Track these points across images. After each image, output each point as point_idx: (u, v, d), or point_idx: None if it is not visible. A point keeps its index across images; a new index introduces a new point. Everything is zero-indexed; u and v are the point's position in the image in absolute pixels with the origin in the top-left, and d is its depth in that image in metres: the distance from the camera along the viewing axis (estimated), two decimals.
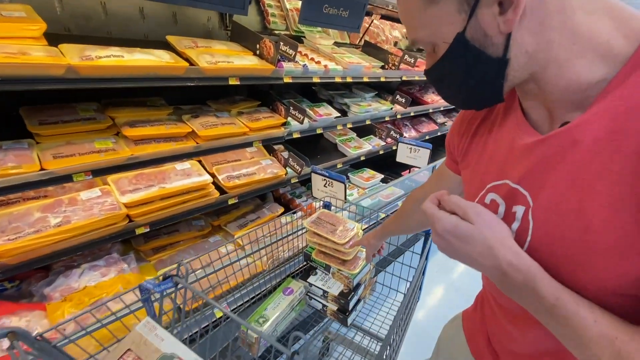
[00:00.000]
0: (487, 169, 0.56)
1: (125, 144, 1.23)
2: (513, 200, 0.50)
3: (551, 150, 0.45)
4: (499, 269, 0.45)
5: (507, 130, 0.54)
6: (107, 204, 1.16)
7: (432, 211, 0.49)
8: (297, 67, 1.71)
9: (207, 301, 0.71)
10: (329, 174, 1.76)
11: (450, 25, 0.44)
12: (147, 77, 1.19)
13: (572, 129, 0.43)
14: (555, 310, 0.42)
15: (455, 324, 0.90)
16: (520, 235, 0.49)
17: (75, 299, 1.06)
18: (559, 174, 0.44)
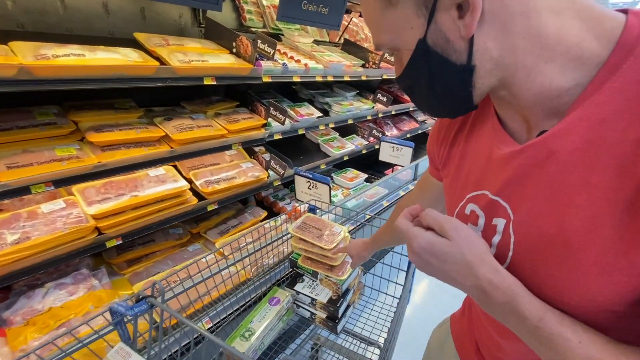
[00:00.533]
0: (467, 179, 0.55)
1: (90, 150, 1.13)
2: (493, 212, 0.49)
3: (528, 161, 0.43)
4: (479, 288, 0.43)
5: (484, 139, 0.52)
6: (72, 216, 1.06)
7: (406, 227, 0.47)
8: (277, 66, 1.65)
9: (184, 322, 0.65)
10: (312, 175, 1.71)
11: (410, 29, 0.42)
12: (113, 78, 1.10)
13: (548, 139, 0.41)
14: (539, 331, 0.40)
15: (444, 328, 0.88)
16: (501, 249, 0.47)
17: (39, 323, 0.96)
18: (537, 186, 0.42)
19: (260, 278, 1.30)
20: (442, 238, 0.44)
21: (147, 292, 0.69)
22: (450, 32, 0.40)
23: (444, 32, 0.40)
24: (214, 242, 1.69)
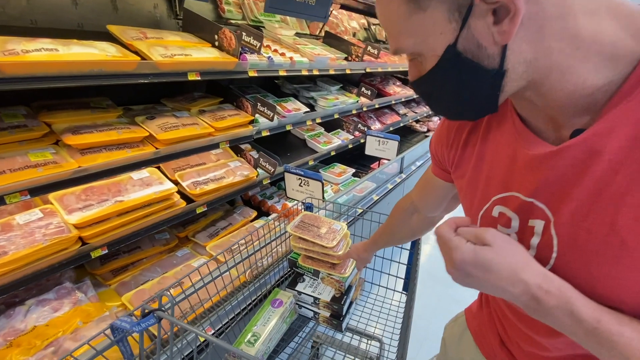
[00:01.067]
0: (489, 181, 0.53)
1: (68, 154, 1.03)
2: (528, 213, 0.48)
3: (568, 162, 0.42)
4: (528, 294, 0.41)
5: (504, 140, 0.51)
6: (52, 226, 0.97)
7: (448, 236, 0.45)
8: (262, 60, 1.59)
9: (195, 332, 0.61)
10: (304, 172, 1.67)
11: (439, 35, 0.40)
12: (91, 75, 1.01)
13: (589, 139, 0.40)
14: (597, 332, 0.39)
15: (459, 323, 0.87)
16: (543, 251, 0.46)
17: (24, 344, 0.87)
18: (581, 187, 0.41)
19: (260, 279, 1.26)
20: (484, 247, 0.43)
21: (151, 304, 0.63)
22: (483, 38, 0.39)
23: (477, 37, 0.39)
24: (203, 246, 1.62)
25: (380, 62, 2.54)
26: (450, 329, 0.90)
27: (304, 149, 2.35)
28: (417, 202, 0.85)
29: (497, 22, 0.37)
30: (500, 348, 0.68)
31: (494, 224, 0.53)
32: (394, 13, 0.42)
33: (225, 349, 0.54)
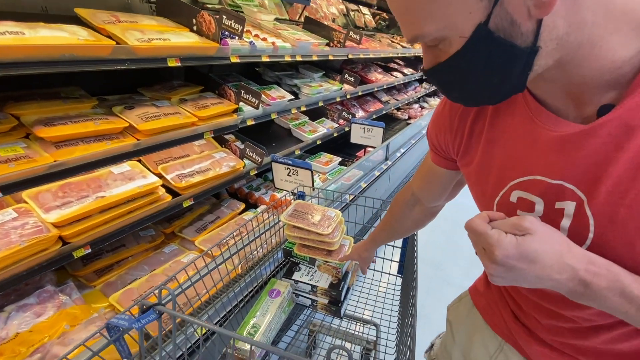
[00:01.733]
0: (505, 166, 0.51)
1: (42, 148, 0.95)
2: (556, 196, 0.46)
3: (602, 140, 0.40)
4: (576, 279, 0.40)
5: (517, 122, 0.49)
6: (28, 226, 0.90)
7: (486, 231, 0.42)
8: (244, 45, 1.53)
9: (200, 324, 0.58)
10: (292, 161, 1.64)
11: (468, 14, 0.36)
12: (62, 61, 0.93)
13: (624, 115, 0.38)
14: None
15: (463, 302, 0.85)
16: (577, 232, 0.45)
17: (7, 352, 0.81)
18: (619, 164, 0.40)
19: (256, 270, 1.23)
20: (524, 235, 0.40)
21: (149, 299, 0.60)
22: (517, 13, 0.35)
23: (511, 13, 0.36)
24: (192, 241, 1.57)
25: (362, 48, 2.51)
26: (454, 309, 0.88)
27: (289, 138, 2.31)
28: (419, 193, 0.82)
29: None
30: (515, 323, 0.67)
31: (513, 210, 0.51)
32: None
33: (230, 336, 0.52)
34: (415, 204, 0.87)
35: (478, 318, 0.78)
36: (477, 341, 0.76)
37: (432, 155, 0.70)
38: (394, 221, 0.93)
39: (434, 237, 2.55)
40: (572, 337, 0.55)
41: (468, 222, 0.45)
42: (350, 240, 1.25)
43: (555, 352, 0.57)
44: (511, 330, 0.68)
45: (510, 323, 0.68)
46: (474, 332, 0.78)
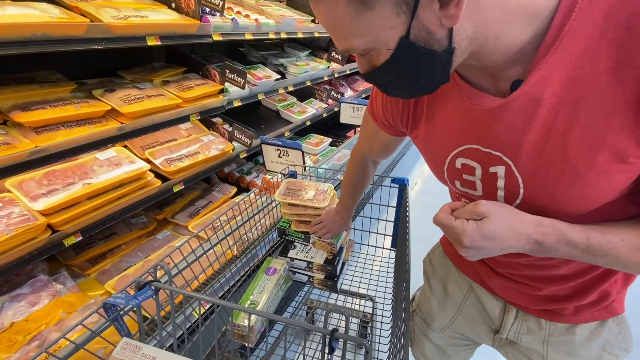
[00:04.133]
0: (445, 137, 0.58)
1: (21, 134, 0.92)
2: (489, 162, 0.53)
3: (516, 112, 0.47)
4: (532, 242, 0.48)
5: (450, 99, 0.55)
6: (14, 215, 0.88)
7: (451, 223, 0.50)
8: (226, 22, 1.48)
9: (197, 298, 0.58)
10: (282, 142, 1.62)
11: (390, 29, 0.41)
12: (34, 40, 0.88)
13: (530, 89, 0.44)
14: (591, 249, 0.47)
15: (436, 253, 0.92)
16: (511, 189, 0.52)
17: (4, 341, 0.80)
18: (532, 131, 0.46)
19: (251, 251, 1.23)
20: (481, 219, 0.48)
21: (146, 277, 0.59)
22: (432, 24, 0.41)
23: (426, 25, 0.41)
24: (185, 226, 1.56)
25: None
26: (428, 261, 0.95)
27: (278, 120, 2.28)
28: (370, 155, 0.89)
29: (443, 7, 0.39)
30: (479, 264, 0.74)
31: (460, 174, 0.58)
32: (339, 15, 0.41)
33: (232, 307, 0.52)
34: (370, 163, 0.94)
35: (450, 264, 0.85)
36: (451, 284, 0.85)
37: (378, 124, 0.75)
38: (357, 183, 0.99)
39: (425, 213, 2.58)
40: (523, 269, 0.64)
41: (435, 217, 0.52)
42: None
43: (511, 281, 0.68)
44: (477, 270, 0.76)
45: (476, 264, 0.76)
46: (447, 277, 0.86)
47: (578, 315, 0.66)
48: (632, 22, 0.37)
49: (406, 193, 1.24)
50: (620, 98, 0.39)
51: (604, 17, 0.39)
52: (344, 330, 0.56)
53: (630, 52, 0.38)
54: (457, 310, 0.84)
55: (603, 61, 0.39)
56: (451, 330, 0.88)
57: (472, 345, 0.93)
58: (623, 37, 0.38)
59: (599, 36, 0.39)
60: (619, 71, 0.39)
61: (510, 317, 0.73)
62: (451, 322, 0.86)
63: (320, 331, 0.55)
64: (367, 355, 0.52)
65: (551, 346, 0.70)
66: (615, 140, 0.41)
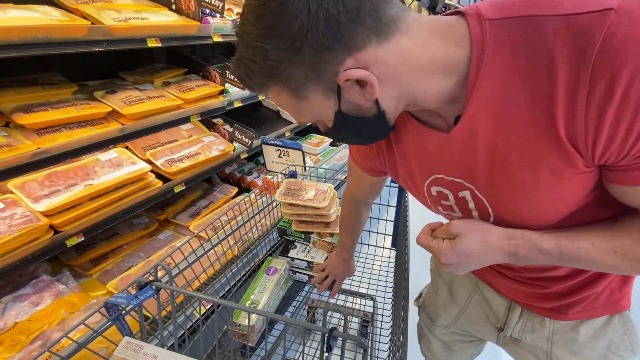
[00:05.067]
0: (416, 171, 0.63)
1: (23, 136, 0.93)
2: (456, 188, 0.57)
3: (460, 145, 0.51)
4: (506, 254, 0.51)
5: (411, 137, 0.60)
6: (17, 216, 0.88)
7: (429, 244, 0.55)
8: (226, 23, 1.49)
9: (198, 298, 0.58)
10: (283, 142, 1.63)
11: (325, 108, 0.49)
12: (35, 43, 0.89)
13: (466, 123, 0.48)
14: (563, 255, 0.50)
15: None
16: (482, 210, 0.56)
17: (7, 341, 0.81)
18: (478, 159, 0.50)
19: (252, 250, 1.24)
20: (455, 239, 0.51)
21: (147, 277, 0.60)
22: (358, 99, 0.48)
23: (353, 101, 0.48)
24: (186, 226, 1.57)
25: None
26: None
27: (279, 120, 2.28)
28: (360, 196, 0.95)
29: (363, 87, 0.46)
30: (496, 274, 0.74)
31: (438, 200, 0.62)
32: (285, 102, 0.50)
33: (234, 307, 0.52)
34: (362, 204, 0.98)
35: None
36: (457, 282, 0.87)
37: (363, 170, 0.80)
38: (352, 224, 1.03)
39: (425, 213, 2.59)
40: (525, 271, 0.67)
41: (417, 239, 0.57)
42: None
43: (515, 282, 0.70)
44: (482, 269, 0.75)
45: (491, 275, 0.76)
46: (454, 275, 0.87)
47: (582, 312, 0.66)
48: (532, 59, 0.41)
49: (406, 193, 1.25)
50: (541, 125, 0.43)
51: (510, 57, 0.43)
52: (342, 329, 0.56)
53: (538, 85, 0.42)
54: (463, 307, 0.85)
55: (518, 95, 0.43)
56: (456, 327, 0.90)
57: (478, 342, 0.94)
58: (528, 73, 0.42)
59: (510, 74, 0.43)
60: (534, 102, 0.43)
61: (515, 316, 0.74)
62: (456, 319, 0.88)
63: (319, 330, 0.55)
64: (366, 354, 0.52)
65: (555, 344, 0.70)
66: (549, 160, 0.44)
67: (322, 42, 0.42)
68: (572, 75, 0.39)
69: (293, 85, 0.46)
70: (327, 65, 0.44)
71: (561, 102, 0.41)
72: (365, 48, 0.43)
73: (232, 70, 0.51)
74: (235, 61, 0.48)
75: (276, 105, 0.52)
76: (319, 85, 0.46)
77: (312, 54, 0.43)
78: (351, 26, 0.42)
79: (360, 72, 0.44)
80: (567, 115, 0.41)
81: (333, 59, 0.43)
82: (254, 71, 0.46)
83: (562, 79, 0.40)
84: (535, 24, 0.41)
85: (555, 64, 0.40)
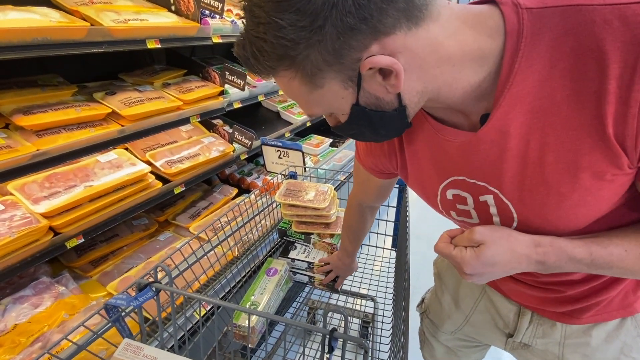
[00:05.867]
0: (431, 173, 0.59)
1: (23, 137, 0.93)
2: (477, 191, 0.53)
3: (488, 146, 0.48)
4: (534, 262, 0.48)
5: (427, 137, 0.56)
6: (17, 218, 0.88)
7: (450, 253, 0.50)
8: (226, 24, 1.49)
9: (198, 299, 0.58)
10: (282, 143, 1.62)
11: (341, 99, 0.45)
12: (35, 44, 0.89)
13: (497, 123, 0.45)
14: (595, 262, 0.47)
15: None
16: (504, 216, 0.52)
17: (7, 343, 0.80)
18: (508, 161, 0.47)
19: (252, 251, 1.24)
20: (479, 247, 0.48)
21: (147, 278, 0.60)
22: (378, 92, 0.43)
23: (373, 93, 0.44)
24: (186, 227, 1.56)
25: None
26: (441, 262, 0.94)
27: (278, 121, 2.28)
28: (366, 201, 0.90)
29: (385, 78, 0.42)
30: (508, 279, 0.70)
31: (453, 205, 0.58)
32: (296, 91, 0.45)
33: (234, 308, 0.52)
34: (367, 209, 0.95)
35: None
36: (463, 288, 0.84)
37: (369, 170, 0.76)
38: (355, 229, 0.99)
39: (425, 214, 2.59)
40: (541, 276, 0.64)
41: (435, 247, 0.53)
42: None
43: (528, 287, 0.67)
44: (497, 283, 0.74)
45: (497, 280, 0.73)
46: (459, 280, 0.84)
47: (596, 315, 0.64)
48: (577, 52, 0.38)
49: (406, 193, 1.25)
50: (584, 123, 0.40)
51: (550, 51, 0.39)
52: (343, 330, 0.56)
53: (583, 80, 0.39)
54: (469, 313, 0.82)
55: (559, 90, 0.40)
56: (461, 334, 0.87)
57: (483, 347, 0.92)
58: (572, 67, 0.39)
59: (550, 68, 0.40)
60: (577, 98, 0.39)
61: (525, 321, 0.71)
62: (462, 325, 0.85)
63: (319, 331, 0.55)
64: (366, 354, 0.52)
65: (567, 348, 0.68)
66: (590, 161, 0.41)
67: (347, 21, 0.37)
68: (626, 70, 0.36)
69: (308, 70, 0.41)
70: (350, 50, 0.39)
71: (612, 99, 0.37)
72: (394, 33, 0.39)
73: (235, 51, 0.43)
74: (241, 40, 0.41)
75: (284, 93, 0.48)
76: (338, 73, 0.41)
77: (334, 35, 0.38)
78: (382, 6, 0.37)
79: (387, 59, 0.39)
80: (617, 113, 0.38)
81: (358, 42, 0.38)
82: (263, 52, 0.40)
83: (614, 74, 0.37)
84: (582, 14, 0.37)
85: (606, 57, 0.36)
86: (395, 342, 0.80)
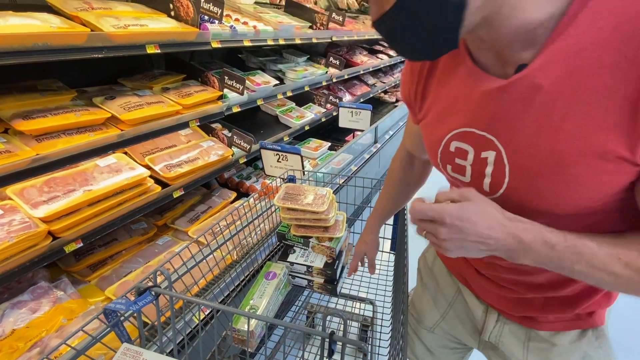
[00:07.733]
0: (445, 119, 0.57)
1: (22, 142, 0.93)
2: (482, 146, 0.52)
3: (514, 96, 0.46)
4: (511, 234, 0.46)
5: (458, 80, 0.54)
6: (16, 223, 0.88)
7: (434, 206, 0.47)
8: (225, 29, 1.50)
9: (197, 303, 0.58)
10: (281, 147, 1.63)
11: None
12: (35, 50, 0.90)
13: (531, 74, 0.43)
14: (568, 250, 0.45)
15: (430, 253, 0.93)
16: (496, 177, 0.51)
17: (5, 348, 0.80)
18: (526, 118, 0.45)
19: (251, 255, 1.24)
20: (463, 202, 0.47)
21: (146, 283, 0.60)
22: None
23: None
24: (185, 231, 1.57)
25: (346, 29, 2.48)
26: (423, 260, 0.96)
27: (277, 125, 2.29)
28: (411, 148, 0.88)
29: None
30: (465, 265, 0.74)
31: (452, 158, 0.57)
32: None
33: (233, 312, 0.53)
34: (413, 160, 0.91)
35: (441, 264, 0.87)
36: (442, 284, 0.86)
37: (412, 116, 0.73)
38: (399, 182, 0.95)
39: None
40: (504, 272, 0.64)
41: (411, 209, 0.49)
42: (344, 215, 1.26)
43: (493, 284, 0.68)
44: (462, 270, 0.77)
45: (462, 266, 0.77)
46: (439, 277, 0.87)
47: (556, 323, 0.66)
48: None
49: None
50: (620, 95, 0.38)
51: (621, 10, 0.37)
52: (342, 333, 0.56)
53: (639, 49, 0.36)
54: (447, 308, 0.85)
55: (610, 54, 0.38)
56: (440, 330, 0.89)
57: (461, 350, 0.93)
58: (636, 32, 0.37)
59: (613, 28, 0.38)
60: (624, 66, 0.37)
61: (492, 320, 0.73)
62: (440, 320, 0.87)
63: (319, 335, 0.55)
64: (365, 358, 0.52)
65: (531, 352, 0.70)
66: (605, 139, 0.40)
67: None
68: None
69: None
70: None
71: None
72: None
73: None
74: None
75: None
76: None
77: None
78: None
79: None
80: None
81: None
82: None
83: None
84: None
85: None
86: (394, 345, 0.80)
